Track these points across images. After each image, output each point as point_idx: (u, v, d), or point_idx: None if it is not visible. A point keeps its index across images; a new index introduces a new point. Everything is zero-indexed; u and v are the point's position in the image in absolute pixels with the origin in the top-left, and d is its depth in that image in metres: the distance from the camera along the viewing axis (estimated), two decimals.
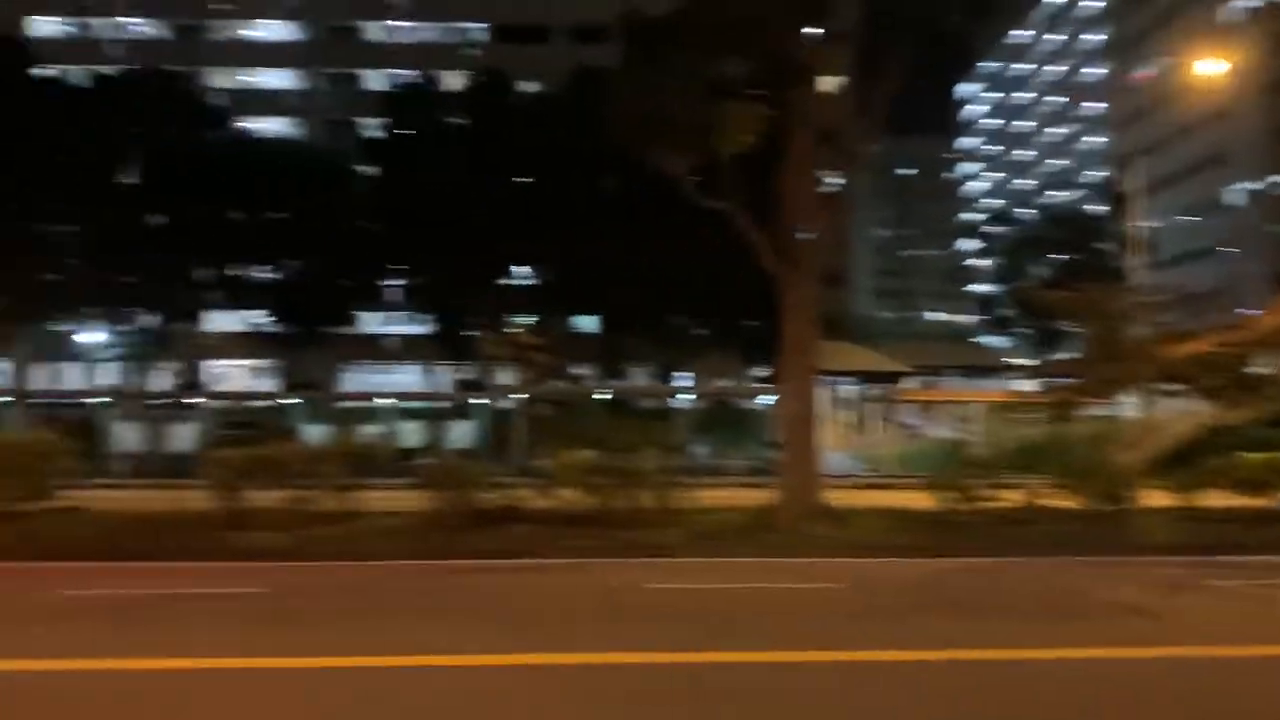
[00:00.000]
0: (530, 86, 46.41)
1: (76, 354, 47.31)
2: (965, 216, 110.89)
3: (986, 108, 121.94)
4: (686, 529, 15.27)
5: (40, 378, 47.27)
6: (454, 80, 47.65)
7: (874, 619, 10.01)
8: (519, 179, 42.38)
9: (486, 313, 42.86)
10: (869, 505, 17.15)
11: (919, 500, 16.63)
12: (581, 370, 46.53)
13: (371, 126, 48.08)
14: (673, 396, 40.33)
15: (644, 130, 16.34)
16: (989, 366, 50.96)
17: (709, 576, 12.30)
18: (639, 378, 47.78)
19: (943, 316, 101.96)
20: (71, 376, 47.32)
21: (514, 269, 45.09)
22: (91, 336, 46.20)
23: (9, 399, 35.54)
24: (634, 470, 16.23)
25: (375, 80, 53.86)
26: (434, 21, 57.35)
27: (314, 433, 30.93)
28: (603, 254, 38.68)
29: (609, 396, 37.92)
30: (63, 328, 45.80)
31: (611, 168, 35.57)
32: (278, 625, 9.57)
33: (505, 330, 39.64)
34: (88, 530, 15.04)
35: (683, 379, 47.54)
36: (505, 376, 39.46)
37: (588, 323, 48.06)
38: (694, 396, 40.01)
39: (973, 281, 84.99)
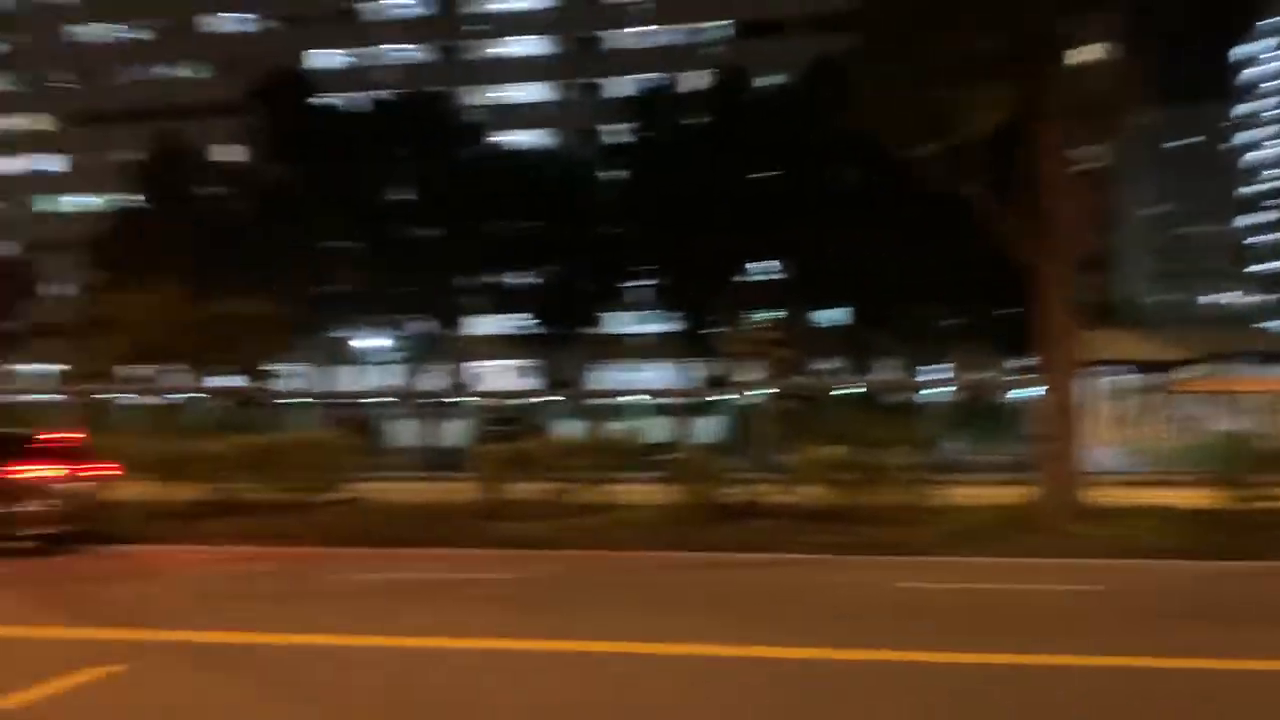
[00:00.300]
0: (770, 81, 46.42)
1: (357, 358, 51.53)
2: (1247, 190, 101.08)
3: (1272, 67, 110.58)
4: (936, 527, 14.82)
5: (326, 380, 51.85)
6: (695, 80, 48.34)
7: (1131, 624, 9.35)
8: (760, 174, 42.48)
9: (730, 309, 43.21)
10: (1139, 504, 16.01)
11: (1196, 499, 15.39)
12: (827, 364, 46.00)
13: (618, 132, 49.54)
14: (922, 390, 39.14)
15: (885, 117, 15.97)
16: (1278, 352, 46.32)
17: (959, 576, 11.89)
18: (887, 371, 46.73)
19: (1223, 299, 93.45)
20: (353, 379, 51.59)
21: (757, 264, 45.21)
22: (370, 342, 50.22)
23: (303, 400, 39.23)
24: (880, 466, 15.90)
25: (620, 87, 55.41)
26: (674, 24, 58.38)
27: (568, 428, 32.22)
28: (845, 246, 38.14)
29: (856, 391, 37.26)
30: (344, 335, 50.06)
31: (852, 158, 35.02)
32: (531, 610, 10.09)
33: (748, 326, 39.77)
34: (367, 519, 16.38)
35: (934, 372, 46.05)
36: (749, 372, 39.62)
37: (833, 316, 47.50)
38: (946, 389, 38.66)
39: (1258, 260, 77.39)
